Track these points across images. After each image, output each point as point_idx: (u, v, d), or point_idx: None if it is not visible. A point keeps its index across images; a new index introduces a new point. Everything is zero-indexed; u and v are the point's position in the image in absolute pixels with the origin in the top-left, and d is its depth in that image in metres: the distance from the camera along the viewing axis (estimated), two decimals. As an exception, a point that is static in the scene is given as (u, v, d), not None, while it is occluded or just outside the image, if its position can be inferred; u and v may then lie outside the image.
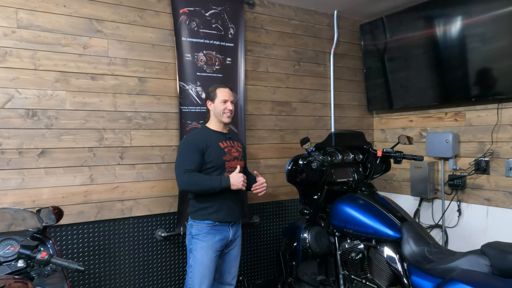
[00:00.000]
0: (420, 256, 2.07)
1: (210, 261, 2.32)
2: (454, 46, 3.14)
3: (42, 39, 2.49)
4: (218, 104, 2.43)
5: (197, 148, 2.33)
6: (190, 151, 2.33)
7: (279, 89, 3.45)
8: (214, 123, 2.48)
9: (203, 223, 2.34)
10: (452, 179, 3.27)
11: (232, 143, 2.48)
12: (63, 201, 2.54)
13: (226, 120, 2.44)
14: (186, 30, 2.94)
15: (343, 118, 3.84)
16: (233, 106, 2.46)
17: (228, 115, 2.43)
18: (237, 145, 2.52)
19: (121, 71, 2.74)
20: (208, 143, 2.36)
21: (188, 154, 2.32)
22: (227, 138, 2.48)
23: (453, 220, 3.29)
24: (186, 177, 2.27)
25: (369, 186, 2.64)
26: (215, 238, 2.34)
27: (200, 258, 2.32)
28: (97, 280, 2.66)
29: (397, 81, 3.67)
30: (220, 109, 2.42)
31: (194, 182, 2.27)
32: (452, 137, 3.21)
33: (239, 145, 2.54)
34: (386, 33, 3.69)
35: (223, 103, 2.42)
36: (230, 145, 2.46)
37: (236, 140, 2.57)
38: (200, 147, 2.33)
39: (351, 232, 2.42)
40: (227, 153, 2.41)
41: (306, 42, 3.61)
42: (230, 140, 2.48)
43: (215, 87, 2.48)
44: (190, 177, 2.27)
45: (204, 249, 2.32)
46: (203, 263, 2.31)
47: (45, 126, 2.50)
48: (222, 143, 2.42)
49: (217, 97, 2.43)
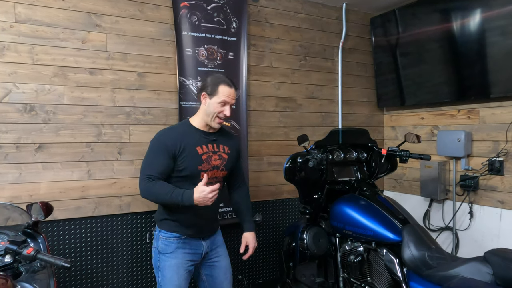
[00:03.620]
0: (420, 261, 1.96)
1: (181, 280, 2.03)
2: (471, 40, 2.97)
3: (40, 34, 2.48)
4: (214, 104, 2.01)
5: (168, 151, 1.96)
6: (158, 153, 1.97)
7: (284, 85, 3.36)
8: (200, 120, 2.08)
9: (170, 235, 2.04)
10: (464, 179, 3.11)
11: (215, 148, 2.08)
12: (60, 196, 2.54)
13: (216, 126, 2.06)
14: (187, 24, 2.89)
15: (352, 115, 3.72)
16: (230, 111, 2.06)
17: (220, 121, 2.05)
18: (223, 150, 2.11)
19: (120, 65, 2.71)
20: (183, 146, 1.98)
21: (155, 157, 1.97)
22: (211, 141, 2.08)
23: (465, 223, 3.14)
24: (146, 184, 1.93)
25: (371, 186, 2.53)
26: (185, 253, 2.04)
27: (169, 277, 2.02)
28: (94, 276, 2.65)
29: (409, 77, 3.52)
30: (214, 111, 2.01)
31: (154, 192, 1.92)
32: (465, 136, 3.05)
33: (226, 149, 2.12)
34: (398, 26, 3.54)
35: (221, 104, 2.01)
36: (212, 150, 2.07)
37: (224, 142, 2.13)
38: (172, 149, 1.96)
39: (351, 233, 2.33)
40: (205, 161, 2.02)
41: (313, 36, 3.50)
42: (215, 143, 2.09)
43: (217, 81, 2.03)
44: (150, 185, 1.92)
45: (173, 268, 2.02)
46: (173, 283, 2.02)
47: (42, 120, 2.50)
48: (201, 148, 2.03)
49: (216, 95, 2.01)
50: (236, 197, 2.30)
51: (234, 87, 2.07)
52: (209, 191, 1.84)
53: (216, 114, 2.03)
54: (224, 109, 2.03)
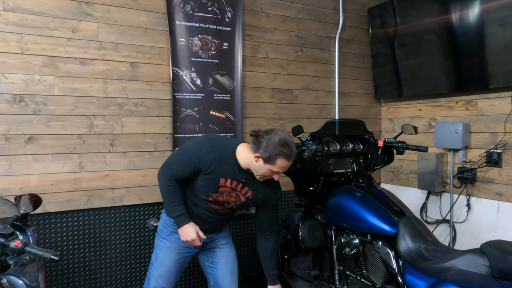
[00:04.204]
0: (415, 254, 1.93)
1: (172, 263, 2.11)
2: (470, 32, 2.92)
3: (29, 23, 2.42)
4: (266, 168, 1.90)
5: (195, 166, 1.93)
6: (188, 165, 1.94)
7: (280, 76, 3.31)
8: (245, 160, 1.96)
9: (169, 220, 2.10)
10: (461, 171, 3.08)
11: (238, 188, 2.01)
12: (51, 188, 2.49)
13: (258, 179, 1.99)
14: (180, 14, 2.83)
15: (349, 106, 3.67)
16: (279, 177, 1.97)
17: (264, 180, 1.99)
18: (245, 193, 2.03)
19: (111, 56, 2.65)
20: (211, 170, 1.93)
21: (185, 165, 1.95)
22: (240, 180, 1.99)
23: (462, 215, 3.11)
24: (164, 179, 1.98)
25: (367, 178, 2.49)
26: (179, 239, 2.05)
27: (161, 258, 2.13)
28: (87, 270, 2.62)
29: (407, 68, 3.47)
30: (263, 174, 1.93)
31: (164, 190, 1.99)
32: (463, 127, 3.01)
33: (248, 193, 2.03)
34: (396, 17, 3.49)
35: (272, 172, 1.93)
36: (234, 188, 2.00)
37: (253, 187, 2.02)
38: (200, 167, 1.93)
39: (346, 226, 2.29)
40: (220, 193, 2.00)
41: (310, 26, 3.44)
42: (241, 183, 2.01)
43: (278, 151, 1.86)
44: (165, 183, 1.97)
45: (166, 250, 2.11)
46: (164, 265, 2.12)
47: (32, 112, 2.45)
48: (225, 181, 1.97)
49: (272, 164, 1.88)
50: (263, 245, 2.18)
51: (293, 158, 1.93)
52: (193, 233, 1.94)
53: (263, 176, 1.96)
54: (274, 175, 1.95)
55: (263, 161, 1.89)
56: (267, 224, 2.16)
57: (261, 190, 2.06)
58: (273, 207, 2.15)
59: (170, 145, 2.84)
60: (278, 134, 1.91)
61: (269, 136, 1.90)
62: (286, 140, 1.90)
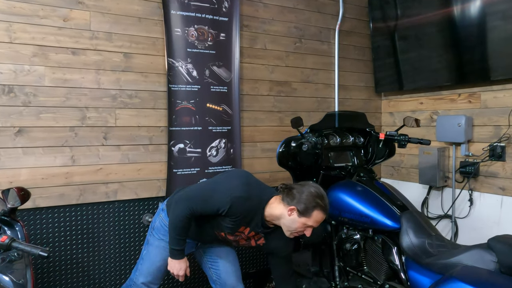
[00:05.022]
0: (419, 249, 1.86)
1: (163, 262, 2.04)
2: (472, 24, 2.86)
3: (18, 10, 2.33)
4: (300, 223, 1.82)
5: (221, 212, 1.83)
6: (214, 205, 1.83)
7: (278, 68, 3.23)
8: (273, 216, 1.87)
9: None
10: (463, 166, 3.01)
11: (254, 235, 1.96)
12: (42, 182, 2.41)
13: (288, 236, 1.90)
14: (175, 3, 2.74)
15: (348, 100, 3.60)
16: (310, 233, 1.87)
17: (294, 235, 1.90)
18: (257, 239, 1.98)
19: (104, 46, 2.57)
20: (235, 219, 1.85)
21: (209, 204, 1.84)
22: (258, 232, 1.94)
23: (464, 210, 3.04)
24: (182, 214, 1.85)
25: (368, 172, 2.42)
26: None
27: (153, 256, 2.07)
28: (79, 266, 2.54)
29: (408, 61, 3.39)
30: (296, 229, 1.84)
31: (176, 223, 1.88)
32: (465, 121, 2.94)
33: (260, 241, 1.98)
34: (397, 8, 3.41)
35: (305, 227, 1.84)
36: (250, 236, 1.96)
37: (268, 237, 1.97)
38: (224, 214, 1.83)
39: (347, 220, 2.22)
40: (234, 236, 1.95)
41: (309, 17, 3.36)
42: (258, 234, 1.95)
43: (315, 204, 1.80)
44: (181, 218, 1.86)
45: (159, 249, 2.05)
46: (155, 264, 2.07)
47: (22, 103, 2.36)
48: (245, 229, 1.91)
49: (307, 217, 1.80)
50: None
51: (328, 211, 1.88)
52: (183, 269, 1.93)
53: (295, 231, 1.86)
54: (306, 232, 1.85)
55: (298, 214, 1.81)
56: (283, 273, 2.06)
57: (274, 241, 1.98)
58: (286, 258, 2.05)
59: (166, 138, 2.75)
60: (313, 186, 1.87)
61: (304, 188, 1.85)
62: (321, 193, 1.85)
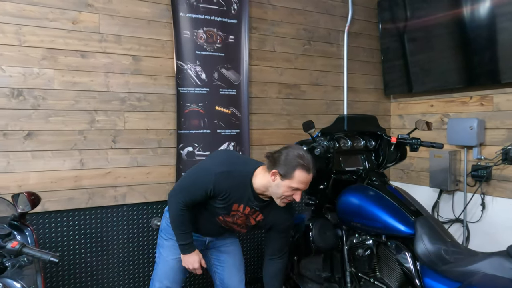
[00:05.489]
0: (435, 256, 1.82)
1: (176, 261, 2.03)
2: (483, 25, 2.82)
3: (27, 13, 2.32)
4: (285, 187, 1.78)
5: (209, 192, 1.83)
6: (201, 188, 1.83)
7: (287, 70, 3.20)
8: (262, 186, 1.84)
9: None
10: (475, 169, 2.97)
11: (250, 212, 1.92)
12: (51, 186, 2.40)
13: (280, 205, 1.86)
14: (184, 5, 2.72)
15: (357, 102, 3.56)
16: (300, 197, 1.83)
17: (286, 201, 1.85)
18: (255, 216, 1.95)
19: (113, 48, 2.55)
20: (225, 196, 1.84)
21: (197, 188, 1.85)
22: (253, 207, 1.90)
23: (476, 214, 3.00)
24: (176, 207, 1.88)
25: (380, 176, 2.38)
26: None
27: (165, 256, 2.07)
28: (88, 270, 2.52)
29: (417, 63, 3.36)
30: (283, 194, 1.80)
31: (176, 218, 1.90)
32: (477, 123, 2.90)
33: (258, 217, 1.95)
34: (406, 10, 3.38)
35: (292, 190, 1.79)
36: (246, 213, 1.92)
37: (265, 213, 1.95)
38: (213, 194, 1.84)
39: (359, 226, 2.19)
40: (231, 216, 1.93)
41: (318, 19, 3.33)
42: (253, 209, 1.92)
43: (294, 163, 1.76)
44: (177, 211, 1.88)
45: (169, 248, 2.05)
46: (168, 264, 2.06)
47: (31, 106, 2.35)
48: (238, 206, 1.89)
49: (290, 179, 1.77)
50: (267, 268, 2.08)
51: (313, 171, 1.82)
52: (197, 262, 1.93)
53: (284, 197, 1.82)
54: (294, 194, 1.80)
55: (280, 177, 1.78)
56: (274, 248, 2.05)
57: (273, 214, 1.96)
58: (283, 233, 2.03)
59: (174, 142, 2.73)
60: (295, 148, 1.85)
61: (285, 150, 1.82)
62: (302, 153, 1.81)
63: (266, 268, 2.09)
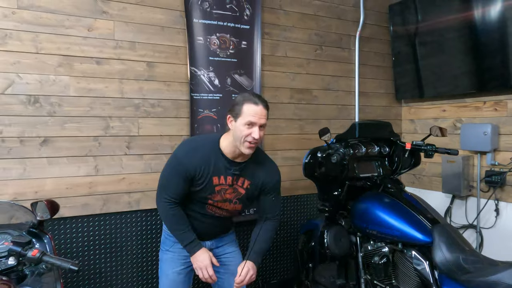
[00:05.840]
0: (454, 265, 1.81)
1: (176, 275, 1.98)
2: (495, 29, 2.80)
3: (44, 21, 2.34)
4: (240, 126, 1.76)
5: (185, 174, 1.83)
6: (177, 175, 1.84)
7: (299, 75, 3.20)
8: (229, 144, 1.85)
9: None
10: (489, 175, 2.95)
11: (234, 181, 1.90)
12: (66, 192, 2.41)
13: (246, 152, 1.79)
14: (198, 11, 2.73)
15: (368, 107, 3.56)
16: (261, 133, 1.79)
17: (250, 146, 1.78)
18: (242, 184, 1.92)
19: (128, 55, 2.56)
20: (202, 172, 1.83)
21: (173, 178, 1.86)
22: (232, 173, 1.88)
23: (490, 220, 2.98)
24: (165, 208, 1.89)
25: (396, 183, 2.37)
26: (182, 249, 1.95)
27: (165, 270, 2.01)
28: (103, 276, 2.53)
29: (429, 67, 3.35)
30: (241, 135, 1.76)
31: (168, 220, 1.91)
32: (491, 129, 2.88)
33: (245, 183, 1.92)
34: (417, 14, 3.36)
35: (247, 126, 1.76)
36: (230, 183, 1.89)
37: (248, 175, 1.92)
38: (191, 174, 1.83)
39: (375, 233, 2.18)
40: (217, 192, 1.88)
41: (329, 24, 3.33)
42: (235, 176, 1.89)
43: (242, 100, 1.78)
44: (168, 213, 1.88)
45: (169, 262, 1.99)
46: (168, 278, 2.00)
47: (47, 113, 2.36)
48: (219, 179, 1.86)
49: (241, 116, 1.76)
50: (257, 228, 2.05)
51: (263, 104, 1.80)
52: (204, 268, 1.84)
53: (243, 138, 1.77)
54: (252, 132, 1.75)
55: (234, 119, 1.80)
56: (266, 211, 2.02)
57: (258, 175, 1.95)
58: (273, 193, 2.01)
59: (188, 148, 2.74)
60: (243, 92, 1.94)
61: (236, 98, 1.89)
62: (248, 93, 1.87)
63: (256, 226, 2.04)
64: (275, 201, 2.05)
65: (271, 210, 2.03)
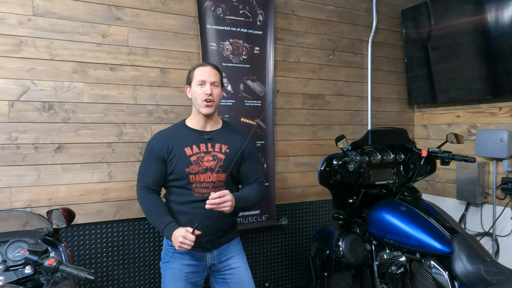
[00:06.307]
0: (475, 276, 1.77)
1: None
2: (509, 32, 2.77)
3: (59, 28, 2.34)
4: (194, 89, 1.90)
5: (157, 156, 1.89)
6: (149, 159, 1.92)
7: (312, 81, 3.18)
8: (193, 117, 1.97)
9: (168, 243, 1.94)
10: (506, 182, 2.90)
11: (209, 148, 1.90)
12: (80, 199, 2.40)
13: (205, 111, 1.87)
14: (211, 17, 2.72)
15: (381, 112, 3.52)
16: (215, 90, 1.89)
17: (208, 104, 1.86)
18: (219, 149, 1.92)
19: (141, 61, 2.56)
20: (171, 148, 1.88)
21: (147, 163, 1.93)
22: (205, 140, 1.91)
23: (506, 228, 2.93)
24: (142, 196, 1.92)
25: (412, 191, 2.34)
26: (183, 265, 1.90)
27: (167, 286, 1.93)
28: (115, 283, 2.52)
29: (442, 72, 3.31)
30: (197, 96, 1.88)
31: (144, 207, 1.92)
32: (508, 135, 2.84)
33: (223, 148, 1.93)
34: (430, 19, 3.34)
35: (200, 87, 1.88)
36: (205, 150, 1.89)
37: (223, 141, 1.94)
38: (160, 154, 1.89)
39: (392, 242, 2.15)
40: (194, 162, 1.86)
41: (342, 29, 3.31)
42: (209, 143, 1.91)
43: (193, 67, 1.96)
44: (144, 199, 1.91)
45: (171, 278, 1.91)
46: None
47: (62, 120, 2.36)
48: (191, 148, 1.88)
49: (193, 79, 1.91)
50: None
51: (211, 65, 1.96)
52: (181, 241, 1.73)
53: (200, 98, 1.88)
54: (204, 89, 1.88)
55: (189, 86, 1.96)
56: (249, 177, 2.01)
57: (232, 141, 1.97)
58: (252, 159, 2.02)
59: (200, 154, 2.72)
60: None
61: None
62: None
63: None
64: (256, 165, 2.06)
65: (253, 175, 2.02)
